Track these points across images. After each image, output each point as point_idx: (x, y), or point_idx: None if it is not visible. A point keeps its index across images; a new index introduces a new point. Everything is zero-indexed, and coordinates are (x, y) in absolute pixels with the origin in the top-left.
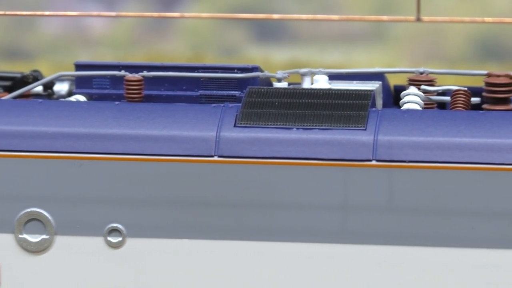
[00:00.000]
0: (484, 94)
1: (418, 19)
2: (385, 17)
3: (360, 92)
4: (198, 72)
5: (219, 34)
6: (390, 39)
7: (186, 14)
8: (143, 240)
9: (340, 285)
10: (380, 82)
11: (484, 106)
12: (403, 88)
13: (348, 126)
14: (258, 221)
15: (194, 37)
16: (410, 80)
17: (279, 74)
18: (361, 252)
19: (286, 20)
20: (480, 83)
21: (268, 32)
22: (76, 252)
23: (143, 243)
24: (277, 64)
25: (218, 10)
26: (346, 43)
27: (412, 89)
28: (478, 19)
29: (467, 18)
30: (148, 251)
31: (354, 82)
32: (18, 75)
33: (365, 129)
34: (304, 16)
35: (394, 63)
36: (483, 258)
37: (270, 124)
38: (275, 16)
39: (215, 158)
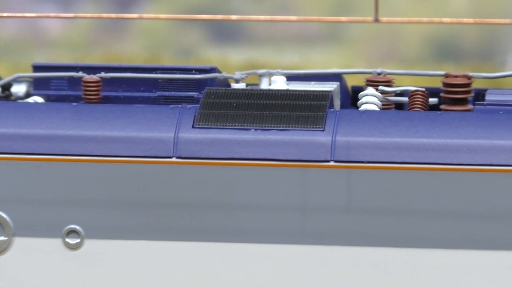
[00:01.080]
0: (442, 94)
1: (376, 20)
2: (343, 18)
3: (318, 93)
4: (156, 73)
5: (175, 35)
6: (346, 40)
7: (145, 15)
8: (101, 241)
9: (299, 286)
10: (338, 83)
11: (442, 106)
12: (361, 89)
13: (306, 127)
14: (217, 222)
15: (151, 38)
16: (368, 80)
17: (237, 75)
18: (319, 253)
19: (243, 21)
20: (437, 83)
21: (225, 33)
22: (34, 253)
23: (101, 245)
24: (234, 65)
25: (175, 11)
26: (302, 44)
27: (370, 90)
28: (436, 19)
29: (425, 19)
30: (107, 253)
31: (312, 83)
32: None
33: (323, 130)
34: (262, 17)
35: (350, 64)
36: (441, 259)
37: (228, 125)
38: (234, 17)
39: (174, 159)
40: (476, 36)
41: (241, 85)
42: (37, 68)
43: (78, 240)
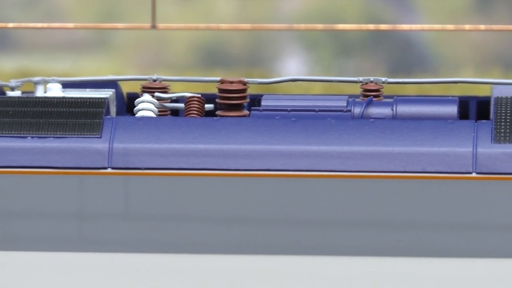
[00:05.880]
0: (217, 100)
1: (154, 27)
2: (120, 25)
3: (94, 100)
4: None
5: None
6: (115, 47)
7: None
8: None
9: None
10: (113, 90)
11: (218, 112)
12: (137, 96)
13: (83, 134)
14: None
15: None
16: (144, 87)
17: (12, 83)
18: (98, 260)
19: (10, 29)
20: (213, 89)
21: None
22: None
23: None
24: (4, 73)
25: None
26: (71, 51)
27: (146, 97)
28: (214, 25)
29: (202, 25)
30: None
31: (88, 90)
32: None
33: (100, 137)
34: (39, 25)
35: (121, 71)
36: (220, 264)
37: (5, 133)
38: (11, 25)
39: None
40: (243, 42)
41: (17, 93)
42: None
43: None
